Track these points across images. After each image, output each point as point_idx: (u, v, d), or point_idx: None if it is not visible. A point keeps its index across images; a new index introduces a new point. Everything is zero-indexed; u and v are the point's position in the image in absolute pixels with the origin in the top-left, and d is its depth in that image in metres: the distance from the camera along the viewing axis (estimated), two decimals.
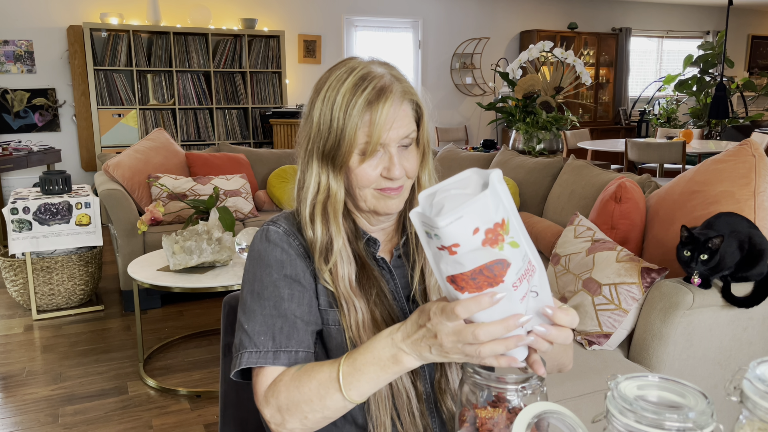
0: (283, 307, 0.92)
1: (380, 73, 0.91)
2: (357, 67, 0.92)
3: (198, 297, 3.74)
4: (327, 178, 0.94)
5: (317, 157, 0.93)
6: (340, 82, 0.91)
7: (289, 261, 0.95)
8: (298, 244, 0.96)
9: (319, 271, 0.95)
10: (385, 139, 0.89)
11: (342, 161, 0.91)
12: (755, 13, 9.53)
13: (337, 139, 0.90)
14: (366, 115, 0.88)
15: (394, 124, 0.89)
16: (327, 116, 0.90)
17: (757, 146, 2.01)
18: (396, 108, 0.90)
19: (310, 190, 0.95)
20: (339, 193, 0.94)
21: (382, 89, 0.89)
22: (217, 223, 2.70)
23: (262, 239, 0.97)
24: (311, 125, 0.93)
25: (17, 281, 3.42)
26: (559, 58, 4.34)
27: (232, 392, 1.23)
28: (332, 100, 0.90)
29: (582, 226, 2.16)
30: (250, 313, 0.93)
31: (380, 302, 0.95)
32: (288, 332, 0.91)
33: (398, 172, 0.91)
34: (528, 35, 7.82)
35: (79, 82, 5.56)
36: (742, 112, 8.65)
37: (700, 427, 0.54)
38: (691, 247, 1.69)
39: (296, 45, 6.66)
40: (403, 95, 0.91)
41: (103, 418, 2.39)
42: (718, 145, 5.75)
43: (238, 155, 4.16)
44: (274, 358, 0.90)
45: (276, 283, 0.93)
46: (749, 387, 0.57)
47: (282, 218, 1.00)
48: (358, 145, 0.90)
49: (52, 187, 3.41)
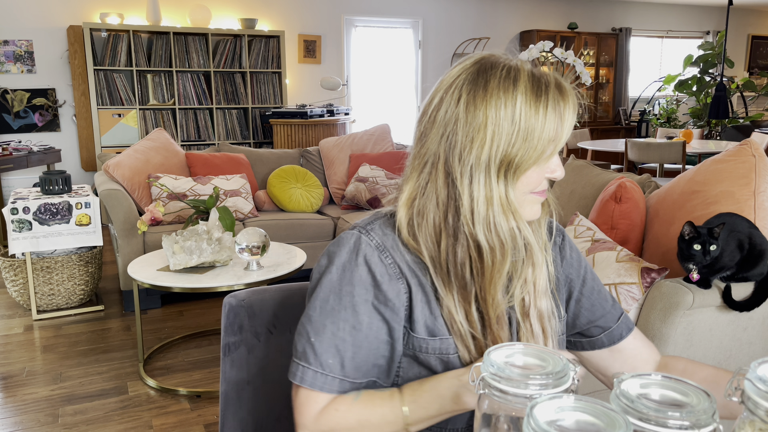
0: (359, 337, 0.85)
1: (541, 70, 0.86)
2: (517, 64, 0.85)
3: (198, 297, 3.74)
4: (504, 187, 0.84)
5: (494, 165, 0.83)
6: (512, 80, 0.83)
7: (374, 285, 0.86)
8: (391, 263, 0.87)
9: (439, 292, 0.86)
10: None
11: (527, 166, 0.83)
12: (755, 13, 9.53)
13: (527, 141, 0.82)
14: (557, 112, 0.83)
15: None
16: (508, 118, 0.82)
17: (757, 146, 2.01)
18: (576, 104, 0.85)
19: (482, 204, 0.84)
20: (515, 202, 0.86)
21: (560, 86, 0.84)
22: (217, 223, 2.70)
23: (349, 249, 0.88)
24: (480, 131, 0.82)
25: (17, 281, 3.42)
26: (559, 58, 4.34)
27: (232, 392, 1.23)
28: (513, 101, 0.82)
29: (582, 226, 2.16)
30: (320, 327, 0.86)
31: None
32: (358, 363, 0.86)
33: (562, 173, 0.87)
34: (528, 35, 7.82)
35: (79, 82, 5.56)
36: (742, 112, 8.66)
37: (702, 426, 0.54)
38: (700, 240, 1.69)
39: (296, 45, 6.66)
40: (573, 92, 0.87)
41: (103, 418, 2.39)
42: (718, 145, 5.75)
43: (238, 155, 4.16)
44: (339, 386, 0.85)
45: (356, 307, 0.86)
46: (750, 387, 0.57)
47: (377, 227, 0.89)
48: (549, 146, 0.83)
49: (52, 187, 3.41)
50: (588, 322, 1.02)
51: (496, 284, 0.86)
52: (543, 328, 0.92)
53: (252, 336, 1.19)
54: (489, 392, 0.62)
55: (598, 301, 1.03)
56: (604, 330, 1.03)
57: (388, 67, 7.36)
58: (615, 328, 1.03)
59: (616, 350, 1.03)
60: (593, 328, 1.03)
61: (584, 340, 1.04)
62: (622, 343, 1.03)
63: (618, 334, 1.03)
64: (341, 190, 4.29)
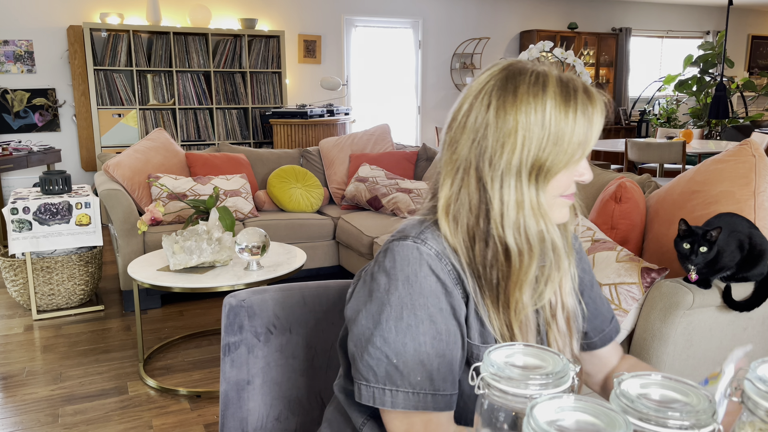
0: (440, 347, 0.84)
1: (568, 75, 0.87)
2: (544, 70, 0.86)
3: (198, 297, 3.74)
4: (535, 192, 0.85)
5: (525, 170, 0.84)
6: (542, 85, 0.84)
7: (444, 292, 0.86)
8: (450, 269, 0.87)
9: (481, 300, 0.87)
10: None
11: (557, 170, 0.85)
12: (755, 13, 9.53)
13: (558, 146, 0.83)
14: (586, 117, 0.84)
15: None
16: (538, 123, 0.83)
17: (757, 146, 2.01)
18: (603, 109, 0.87)
19: (512, 208, 0.85)
20: (545, 206, 0.86)
21: (588, 90, 0.86)
22: (217, 223, 2.70)
23: (413, 261, 0.86)
24: (510, 136, 0.83)
25: (17, 281, 3.42)
26: (559, 58, 4.34)
27: (233, 392, 1.23)
28: (542, 106, 0.83)
29: (582, 226, 2.16)
30: (400, 346, 0.84)
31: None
32: (445, 373, 0.84)
33: (590, 176, 0.88)
34: (528, 35, 7.83)
35: (79, 82, 5.56)
36: (742, 112, 8.66)
37: (702, 426, 0.54)
38: (690, 239, 1.69)
39: (296, 45, 6.66)
40: (602, 96, 0.88)
41: (103, 418, 2.39)
42: (718, 145, 5.75)
43: (238, 155, 4.16)
44: (433, 402, 0.83)
45: (433, 318, 0.84)
46: (750, 387, 0.57)
47: (430, 235, 0.88)
48: (578, 150, 0.85)
49: (52, 187, 3.41)
50: (590, 325, 1.05)
51: (521, 287, 0.87)
52: (569, 327, 0.94)
53: (252, 336, 1.19)
54: (489, 392, 0.62)
55: (600, 305, 1.06)
56: (599, 333, 1.06)
57: (388, 67, 7.36)
58: (608, 331, 1.07)
59: (600, 352, 1.07)
60: (592, 331, 1.05)
61: (583, 342, 1.06)
62: (608, 348, 1.07)
63: (609, 336, 1.07)
64: (341, 190, 4.29)
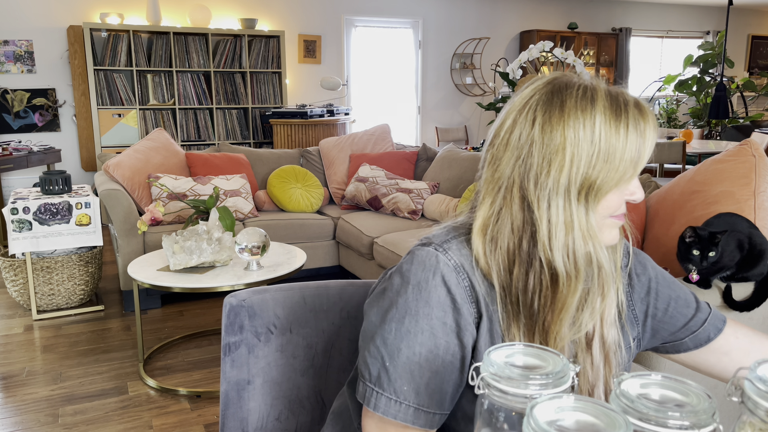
0: (436, 362, 0.82)
1: (617, 89, 0.83)
2: (591, 84, 0.82)
3: (198, 297, 3.74)
4: (584, 211, 0.81)
5: (574, 188, 0.80)
6: (589, 100, 0.80)
7: (453, 307, 0.82)
8: (467, 285, 0.83)
9: (505, 320, 0.83)
10: None
11: (608, 188, 0.80)
12: (755, 13, 9.53)
13: (610, 163, 0.79)
14: (637, 134, 0.80)
15: None
16: (587, 140, 0.79)
17: (757, 146, 2.02)
18: (656, 123, 0.82)
19: (561, 229, 0.81)
20: (595, 228, 0.82)
21: (639, 104, 0.81)
22: (217, 223, 2.70)
23: (428, 268, 0.83)
24: (558, 154, 0.80)
25: (17, 281, 3.42)
26: (559, 58, 4.34)
27: (233, 392, 1.23)
28: (591, 122, 0.79)
29: None
30: (396, 350, 0.82)
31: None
32: (433, 391, 0.82)
33: (641, 195, 0.83)
34: (528, 35, 7.82)
35: (79, 82, 5.56)
36: (742, 112, 8.66)
37: (702, 426, 0.54)
38: (699, 246, 1.69)
39: (296, 45, 6.66)
40: (651, 110, 0.83)
41: (103, 418, 2.39)
42: (718, 145, 5.75)
43: (238, 155, 4.16)
44: (414, 416, 0.81)
45: (434, 331, 0.81)
46: (750, 387, 0.57)
47: (455, 246, 0.85)
48: (630, 168, 0.80)
49: (52, 187, 3.41)
50: (670, 334, 0.98)
51: (564, 316, 0.82)
52: (607, 359, 0.88)
53: (252, 336, 1.19)
54: (489, 392, 0.62)
55: (677, 309, 0.98)
56: (689, 334, 0.98)
57: (388, 67, 7.37)
58: (701, 331, 0.98)
59: (710, 350, 0.98)
60: (674, 337, 0.98)
61: (668, 345, 1.00)
62: (714, 344, 0.98)
63: (705, 336, 0.98)
64: (341, 190, 4.29)
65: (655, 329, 0.98)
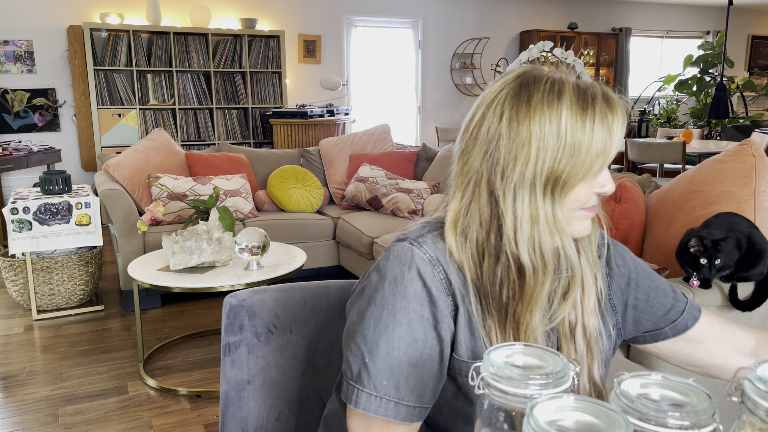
0: (414, 355, 0.82)
1: (588, 82, 0.83)
2: (560, 77, 0.82)
3: (198, 297, 3.74)
4: (551, 205, 0.81)
5: (540, 182, 0.81)
6: (557, 94, 0.80)
7: (429, 300, 0.83)
8: (443, 278, 0.84)
9: (479, 314, 0.84)
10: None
11: (575, 182, 0.81)
12: (755, 13, 9.54)
13: (574, 157, 0.79)
14: (604, 128, 0.80)
15: None
16: (552, 134, 0.79)
17: (757, 146, 2.02)
18: (624, 117, 0.82)
19: (526, 222, 0.82)
20: (562, 221, 0.83)
21: (607, 97, 0.81)
22: (217, 223, 2.70)
23: (404, 263, 0.84)
24: (523, 148, 0.80)
25: (17, 281, 3.42)
26: (559, 58, 4.34)
27: (233, 392, 1.23)
28: (558, 116, 0.79)
29: None
30: (374, 346, 0.82)
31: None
32: (413, 385, 0.82)
33: (612, 187, 0.83)
34: (528, 35, 7.83)
35: (79, 82, 5.56)
36: (742, 112, 8.66)
37: (702, 426, 0.54)
38: (707, 255, 1.69)
39: (296, 45, 6.66)
40: (622, 103, 0.83)
41: (103, 418, 2.39)
42: (718, 145, 5.75)
43: (238, 155, 4.16)
44: (395, 410, 0.81)
45: (412, 324, 0.82)
46: (750, 387, 0.57)
47: (430, 240, 0.86)
48: (597, 161, 0.81)
49: (52, 187, 3.41)
50: (652, 323, 0.99)
51: (533, 308, 0.83)
52: (589, 347, 0.89)
53: (252, 336, 1.19)
54: (489, 392, 0.62)
55: (657, 300, 0.99)
56: (669, 323, 0.99)
57: (388, 67, 7.37)
58: (680, 321, 0.99)
59: (687, 338, 1.00)
60: (655, 326, 0.99)
61: (648, 335, 1.01)
62: (691, 332, 0.99)
63: (683, 325, 0.99)
64: (341, 190, 4.29)
65: (638, 320, 0.99)
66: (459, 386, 0.86)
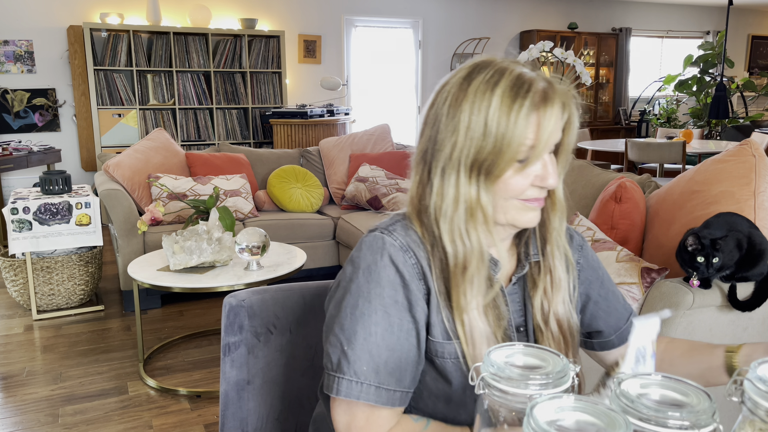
0: (391, 339, 0.84)
1: (533, 74, 0.84)
2: (507, 68, 0.84)
3: (198, 297, 3.74)
4: (476, 190, 0.84)
5: (464, 167, 0.84)
6: (493, 83, 0.82)
7: (402, 285, 0.85)
8: (414, 263, 0.86)
9: (441, 295, 0.86)
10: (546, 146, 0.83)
11: (499, 171, 0.83)
12: (755, 13, 9.53)
13: (497, 146, 0.81)
14: (532, 119, 0.81)
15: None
16: (480, 121, 0.82)
17: (757, 146, 2.01)
18: (559, 111, 0.83)
19: (449, 204, 0.85)
20: (489, 207, 0.84)
21: (545, 91, 0.82)
22: (217, 223, 2.70)
23: (376, 251, 0.86)
24: (455, 132, 0.84)
25: (17, 281, 3.42)
26: (559, 58, 4.34)
27: (233, 392, 1.23)
28: (487, 104, 0.82)
29: (582, 226, 2.16)
30: (352, 334, 0.84)
31: (505, 335, 0.88)
32: (392, 368, 0.84)
33: (553, 181, 0.84)
34: (528, 35, 7.83)
35: (79, 82, 5.56)
36: (742, 112, 8.66)
37: (702, 426, 0.54)
38: (704, 253, 1.69)
39: (296, 45, 6.66)
40: (563, 97, 0.84)
41: (103, 418, 2.39)
42: (718, 145, 5.75)
43: (238, 155, 4.16)
44: (376, 394, 0.83)
45: (387, 309, 0.84)
46: (750, 387, 0.57)
47: (399, 228, 0.89)
48: (520, 153, 0.82)
49: (52, 187, 3.41)
50: (604, 323, 1.03)
51: (457, 285, 0.85)
52: (563, 336, 0.92)
53: (252, 336, 1.19)
54: (489, 392, 0.62)
55: (614, 303, 1.04)
56: (615, 331, 1.04)
57: (388, 67, 7.36)
58: (625, 329, 1.04)
59: (621, 351, 1.05)
60: (607, 329, 1.04)
61: (595, 342, 1.05)
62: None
63: (626, 335, 1.04)
64: (341, 190, 4.29)
65: (594, 315, 1.02)
66: (436, 368, 0.88)
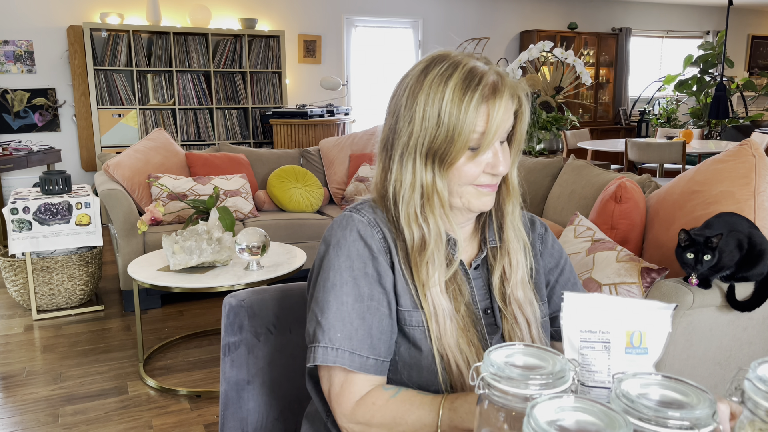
0: (361, 308, 0.89)
1: (485, 67, 0.90)
2: (461, 62, 0.90)
3: (198, 297, 3.74)
4: (432, 176, 0.90)
5: (420, 154, 0.90)
6: (446, 76, 0.88)
7: (371, 258, 0.91)
8: (381, 237, 0.93)
9: (405, 270, 0.92)
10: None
11: (452, 159, 0.89)
12: (755, 13, 9.53)
13: (449, 135, 0.87)
14: (482, 110, 0.87)
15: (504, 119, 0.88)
16: (434, 112, 0.88)
17: (757, 146, 2.02)
18: (508, 103, 0.88)
19: (407, 189, 0.91)
20: (444, 192, 0.91)
21: (495, 84, 0.88)
22: (217, 223, 2.70)
23: (345, 227, 0.93)
24: (411, 122, 0.90)
25: (17, 281, 3.42)
26: (559, 58, 4.34)
27: (233, 392, 1.23)
28: (441, 95, 0.87)
29: (582, 226, 2.16)
30: (325, 304, 0.89)
31: (466, 310, 0.93)
32: (363, 335, 0.88)
33: (503, 168, 0.90)
34: (528, 35, 7.82)
35: (79, 82, 5.56)
36: (742, 112, 8.66)
37: (702, 426, 0.54)
38: (693, 249, 1.69)
39: (296, 45, 6.66)
40: (513, 89, 0.90)
41: (103, 418, 2.39)
42: (718, 145, 5.75)
43: (238, 155, 4.16)
44: (350, 359, 0.87)
45: (357, 280, 0.90)
46: (750, 387, 0.57)
47: (366, 206, 0.96)
48: (471, 141, 0.88)
49: (52, 187, 3.41)
50: (557, 309, 1.05)
51: (416, 264, 0.91)
52: (524, 314, 0.97)
53: (252, 336, 1.19)
54: (489, 392, 0.62)
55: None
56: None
57: (388, 67, 7.36)
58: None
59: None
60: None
61: (553, 330, 1.07)
62: None
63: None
64: (341, 190, 4.29)
65: (549, 299, 1.05)
66: (408, 338, 0.92)
